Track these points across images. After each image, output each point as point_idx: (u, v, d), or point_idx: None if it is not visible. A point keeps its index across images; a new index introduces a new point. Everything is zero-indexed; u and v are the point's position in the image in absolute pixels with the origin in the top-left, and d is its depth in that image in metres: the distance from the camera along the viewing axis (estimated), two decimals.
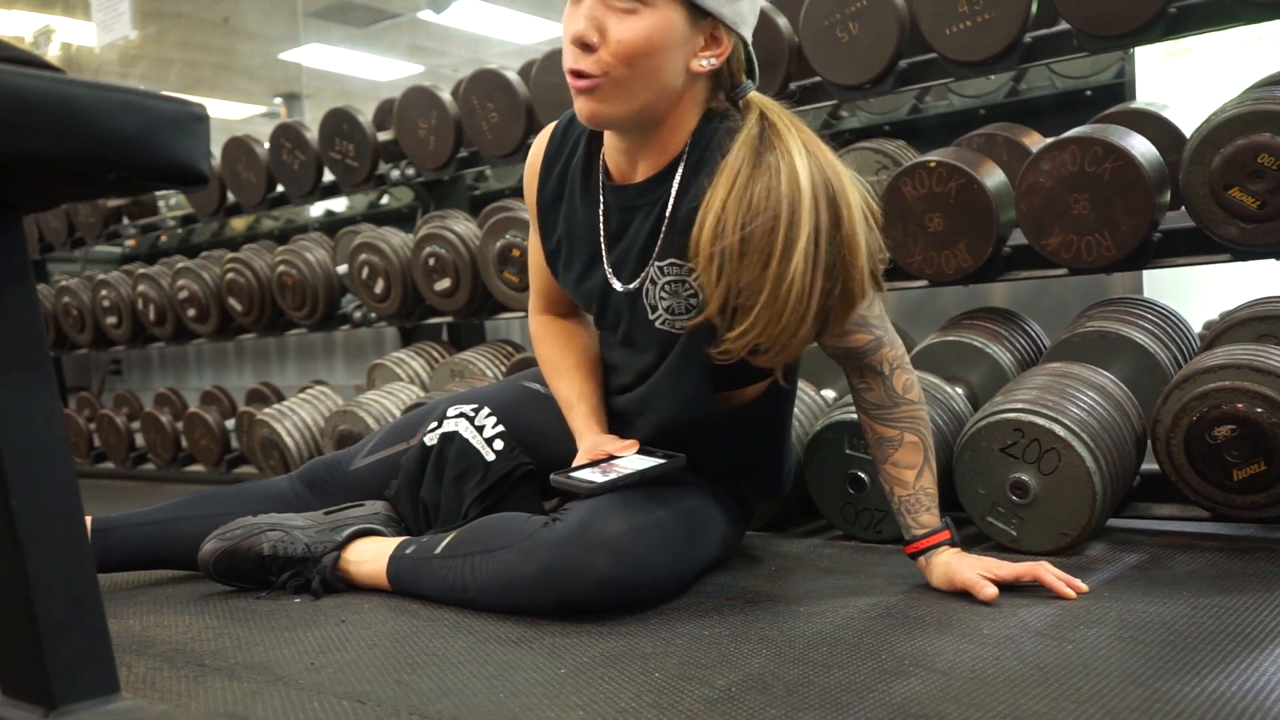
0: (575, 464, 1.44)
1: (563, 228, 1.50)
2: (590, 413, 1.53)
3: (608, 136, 1.41)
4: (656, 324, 1.41)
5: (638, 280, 1.41)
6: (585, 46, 1.25)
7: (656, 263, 1.39)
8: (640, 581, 1.32)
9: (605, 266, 1.44)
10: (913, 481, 1.40)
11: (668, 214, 1.37)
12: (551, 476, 1.41)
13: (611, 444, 1.46)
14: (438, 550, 1.42)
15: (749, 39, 1.34)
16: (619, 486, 1.36)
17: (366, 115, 2.96)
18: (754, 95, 1.36)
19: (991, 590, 1.29)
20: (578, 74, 1.27)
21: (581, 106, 1.30)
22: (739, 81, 1.36)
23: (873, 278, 1.29)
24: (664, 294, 1.39)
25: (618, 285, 1.43)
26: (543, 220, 1.53)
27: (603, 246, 1.44)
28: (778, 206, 1.21)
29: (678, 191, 1.36)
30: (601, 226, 1.44)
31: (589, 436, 1.49)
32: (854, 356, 1.43)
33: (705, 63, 1.30)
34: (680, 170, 1.36)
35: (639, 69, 1.26)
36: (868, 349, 1.42)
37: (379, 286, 2.77)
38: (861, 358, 1.43)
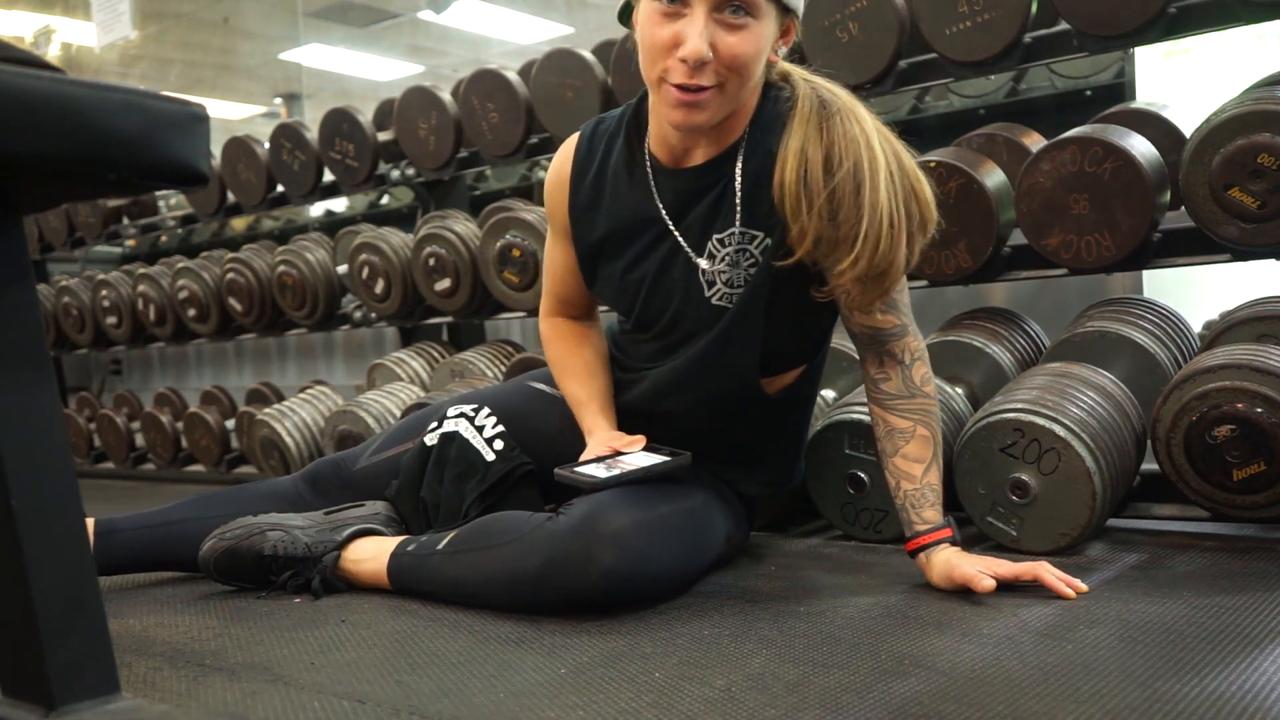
0: (581, 459, 1.45)
1: (605, 226, 1.52)
2: (600, 410, 1.54)
3: (664, 126, 1.43)
4: (713, 300, 1.43)
5: (701, 257, 1.44)
6: (700, 63, 1.29)
7: (717, 235, 1.42)
8: (643, 576, 1.33)
9: (678, 241, 1.46)
10: (920, 476, 1.41)
11: (738, 183, 1.41)
12: (556, 471, 1.42)
13: (619, 440, 1.47)
14: (439, 547, 1.42)
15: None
16: (622, 482, 1.37)
17: (366, 115, 2.96)
18: (789, 65, 1.44)
19: (989, 583, 1.30)
20: (693, 89, 1.30)
21: (686, 117, 1.33)
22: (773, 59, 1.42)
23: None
24: (724, 266, 1.42)
25: (698, 260, 1.45)
26: (577, 225, 1.55)
27: (670, 225, 1.47)
28: (856, 143, 1.33)
29: (744, 160, 1.41)
30: (663, 209, 1.47)
31: (598, 433, 1.51)
32: (879, 339, 1.45)
33: (781, 52, 1.41)
34: (745, 145, 1.42)
35: (747, 75, 1.33)
36: (894, 333, 1.44)
37: (379, 286, 2.77)
38: (885, 342, 1.45)
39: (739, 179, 1.41)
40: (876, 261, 1.32)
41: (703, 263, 1.44)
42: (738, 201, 1.41)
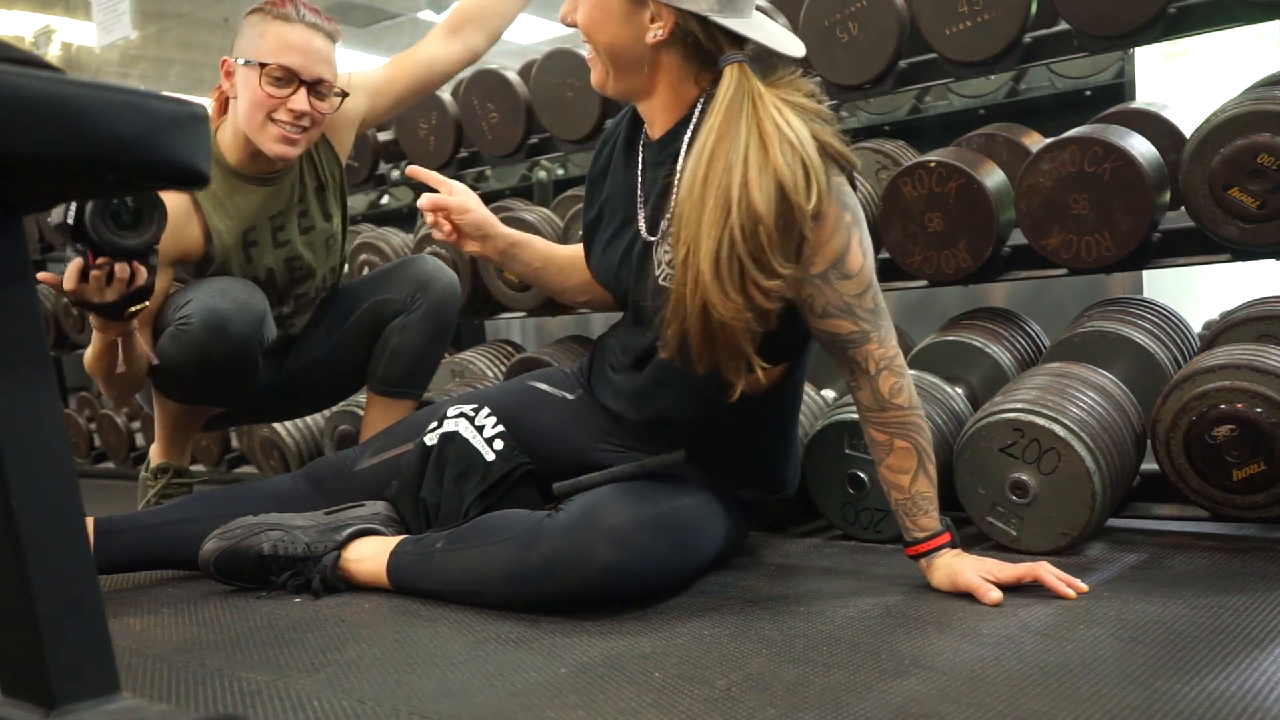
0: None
1: (605, 194, 1.57)
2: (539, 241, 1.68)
3: None
4: (660, 280, 1.42)
5: (657, 233, 1.45)
6: (567, 24, 1.44)
7: (666, 215, 1.42)
8: (643, 571, 1.33)
9: (639, 219, 1.48)
10: (908, 486, 1.39)
11: (679, 168, 1.40)
12: (555, 486, 1.44)
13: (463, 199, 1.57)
14: (439, 545, 1.43)
15: (705, 12, 1.34)
16: (620, 477, 1.39)
17: None
18: (728, 70, 1.34)
19: (996, 595, 1.29)
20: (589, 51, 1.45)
21: (591, 76, 1.47)
22: (723, 50, 1.37)
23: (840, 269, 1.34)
24: (669, 246, 1.40)
25: (644, 233, 1.46)
26: (589, 193, 1.61)
27: (639, 200, 1.49)
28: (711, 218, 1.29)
29: (686, 147, 1.40)
30: (639, 182, 1.49)
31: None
32: (837, 345, 1.39)
33: (651, 35, 1.38)
34: (690, 129, 1.41)
35: (599, 43, 1.41)
36: (851, 340, 1.38)
37: None
38: (844, 349, 1.39)
39: (680, 165, 1.41)
40: (686, 331, 1.31)
41: (645, 234, 1.46)
42: (673, 185, 1.41)
